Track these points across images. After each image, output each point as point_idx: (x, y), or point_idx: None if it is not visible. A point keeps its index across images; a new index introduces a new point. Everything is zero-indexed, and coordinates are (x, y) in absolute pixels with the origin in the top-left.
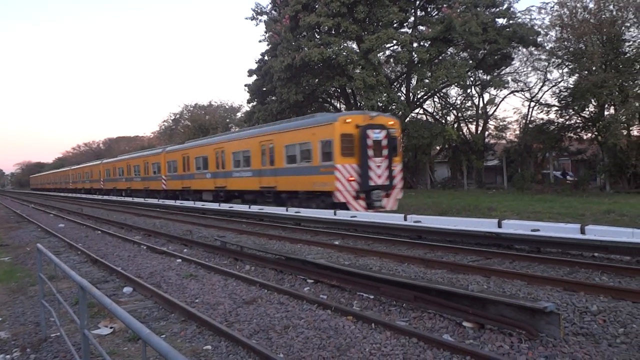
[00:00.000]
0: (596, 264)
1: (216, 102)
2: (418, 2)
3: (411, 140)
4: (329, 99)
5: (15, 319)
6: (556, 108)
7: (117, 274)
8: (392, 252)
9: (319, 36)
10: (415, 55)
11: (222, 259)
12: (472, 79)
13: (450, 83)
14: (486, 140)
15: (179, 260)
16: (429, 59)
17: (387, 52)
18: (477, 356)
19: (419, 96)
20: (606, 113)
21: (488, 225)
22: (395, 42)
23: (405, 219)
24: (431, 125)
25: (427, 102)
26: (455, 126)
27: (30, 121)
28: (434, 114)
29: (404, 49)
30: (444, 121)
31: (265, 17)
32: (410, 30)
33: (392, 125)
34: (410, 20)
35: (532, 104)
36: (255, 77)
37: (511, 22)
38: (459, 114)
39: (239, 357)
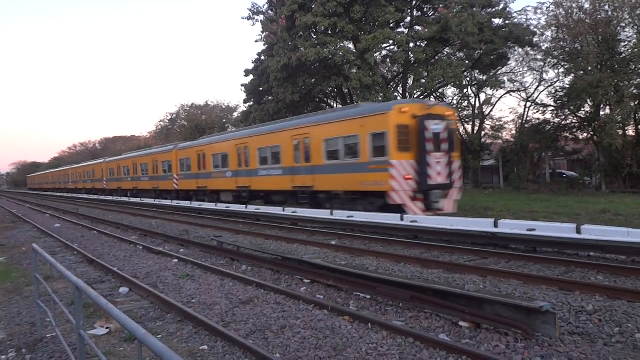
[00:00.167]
0: (592, 263)
1: (213, 102)
2: (414, 2)
3: None
4: (325, 99)
5: (11, 319)
6: (552, 108)
7: (114, 274)
8: (388, 252)
9: (315, 36)
10: (412, 55)
11: (218, 259)
12: (468, 79)
13: (447, 83)
14: (482, 140)
15: (175, 260)
16: (425, 59)
17: (384, 52)
18: (473, 356)
19: (415, 96)
20: (602, 113)
21: (484, 225)
22: (391, 42)
23: (402, 218)
24: None
25: None
26: None
27: (26, 121)
28: None
29: (400, 49)
30: None
31: (261, 17)
32: (406, 31)
33: (449, 115)
34: (406, 20)
35: (528, 104)
36: (251, 77)
37: (507, 22)
38: (456, 114)
39: (235, 357)
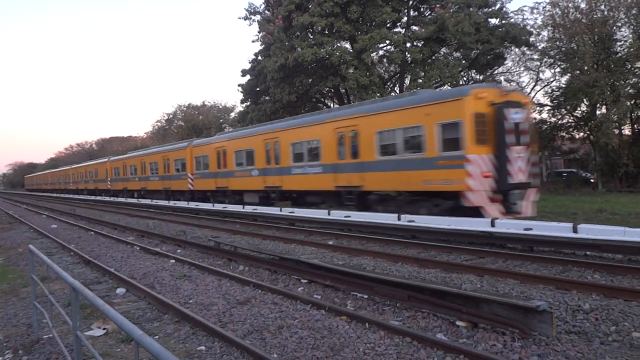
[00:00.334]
0: (588, 262)
1: (209, 102)
2: (411, 2)
3: None
4: (322, 99)
5: (7, 320)
6: (548, 107)
7: (110, 275)
8: (386, 252)
9: (312, 36)
10: (409, 55)
11: (215, 259)
12: (465, 78)
13: (444, 83)
14: None
15: (172, 260)
16: (422, 58)
17: (380, 52)
18: (470, 355)
19: None
20: (598, 112)
21: (481, 225)
22: (388, 42)
23: (399, 218)
24: None
25: None
26: None
27: (22, 121)
28: None
29: (397, 49)
30: None
31: (258, 17)
32: (403, 30)
33: (527, 104)
34: (403, 20)
35: None
36: (248, 77)
37: (504, 22)
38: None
39: (232, 357)
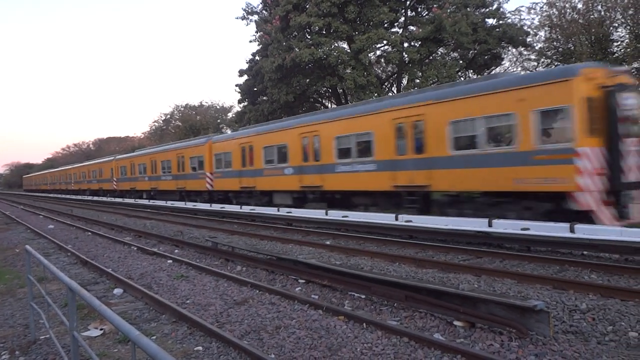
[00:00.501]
0: (585, 262)
1: (207, 103)
2: (408, 3)
3: None
4: (320, 99)
5: (4, 321)
6: None
7: (108, 275)
8: (383, 252)
9: (309, 36)
10: (406, 55)
11: (213, 259)
12: (462, 78)
13: (441, 83)
14: None
15: (169, 261)
16: (419, 59)
17: (378, 52)
18: (467, 355)
19: None
20: None
21: (479, 224)
22: (385, 42)
23: (396, 218)
24: None
25: None
26: None
27: (19, 122)
28: None
29: (394, 49)
30: None
31: (255, 17)
32: (400, 31)
33: (636, 88)
34: (400, 20)
35: None
36: (246, 77)
37: (501, 22)
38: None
39: (230, 358)
